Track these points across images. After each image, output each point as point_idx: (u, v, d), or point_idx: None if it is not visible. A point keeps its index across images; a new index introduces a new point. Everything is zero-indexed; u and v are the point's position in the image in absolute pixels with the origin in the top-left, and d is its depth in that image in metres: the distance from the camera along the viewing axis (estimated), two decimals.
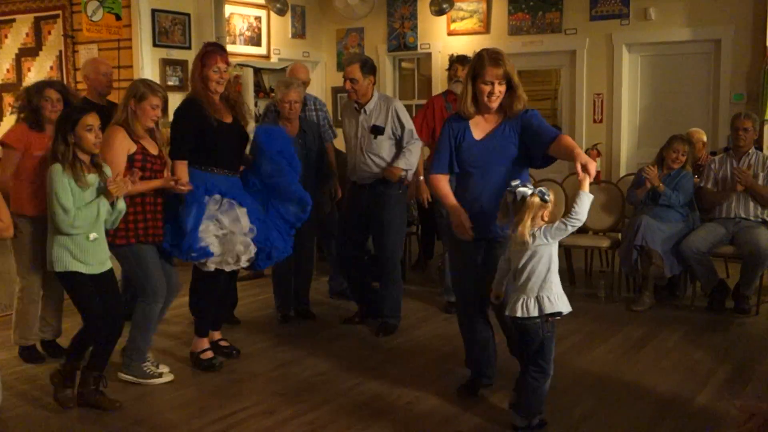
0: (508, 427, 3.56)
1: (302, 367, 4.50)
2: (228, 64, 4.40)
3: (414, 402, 3.92)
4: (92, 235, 3.76)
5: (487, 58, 3.62)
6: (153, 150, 4.16)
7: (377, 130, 4.93)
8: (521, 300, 3.38)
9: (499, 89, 3.64)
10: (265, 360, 4.64)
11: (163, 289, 4.20)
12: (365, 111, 4.97)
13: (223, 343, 4.70)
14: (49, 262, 3.79)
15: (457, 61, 5.90)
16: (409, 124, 4.99)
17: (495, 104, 3.68)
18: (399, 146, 4.99)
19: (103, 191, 3.76)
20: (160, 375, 4.26)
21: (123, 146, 4.02)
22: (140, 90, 4.09)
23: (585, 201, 3.26)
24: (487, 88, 3.63)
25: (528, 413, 3.49)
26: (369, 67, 4.94)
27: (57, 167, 3.67)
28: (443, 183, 3.82)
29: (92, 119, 3.72)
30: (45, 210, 3.80)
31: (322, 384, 4.22)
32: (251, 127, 4.78)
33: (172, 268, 4.36)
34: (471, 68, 3.70)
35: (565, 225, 3.30)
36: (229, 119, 4.43)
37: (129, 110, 4.07)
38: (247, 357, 4.67)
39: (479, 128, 3.75)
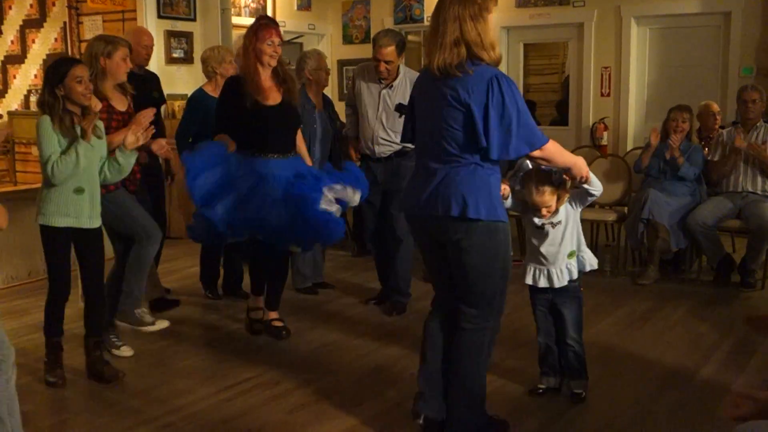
0: (520, 392, 3.59)
1: (307, 338, 4.52)
2: (281, 38, 4.30)
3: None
4: (76, 187, 3.66)
5: None
6: (121, 106, 4.15)
7: (402, 109, 4.72)
8: None
9: None
10: None
11: (154, 230, 4.17)
12: (390, 86, 4.84)
13: (276, 323, 4.56)
14: (37, 214, 3.70)
15: None
16: None
17: None
18: None
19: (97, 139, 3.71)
20: (153, 323, 4.26)
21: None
22: (107, 48, 4.06)
23: None
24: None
25: None
26: (402, 47, 4.80)
27: (45, 118, 3.59)
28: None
29: (81, 70, 3.64)
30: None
31: (327, 355, 4.25)
32: None
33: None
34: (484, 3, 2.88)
35: None
36: (276, 99, 4.29)
37: (97, 70, 4.03)
38: None
39: None
